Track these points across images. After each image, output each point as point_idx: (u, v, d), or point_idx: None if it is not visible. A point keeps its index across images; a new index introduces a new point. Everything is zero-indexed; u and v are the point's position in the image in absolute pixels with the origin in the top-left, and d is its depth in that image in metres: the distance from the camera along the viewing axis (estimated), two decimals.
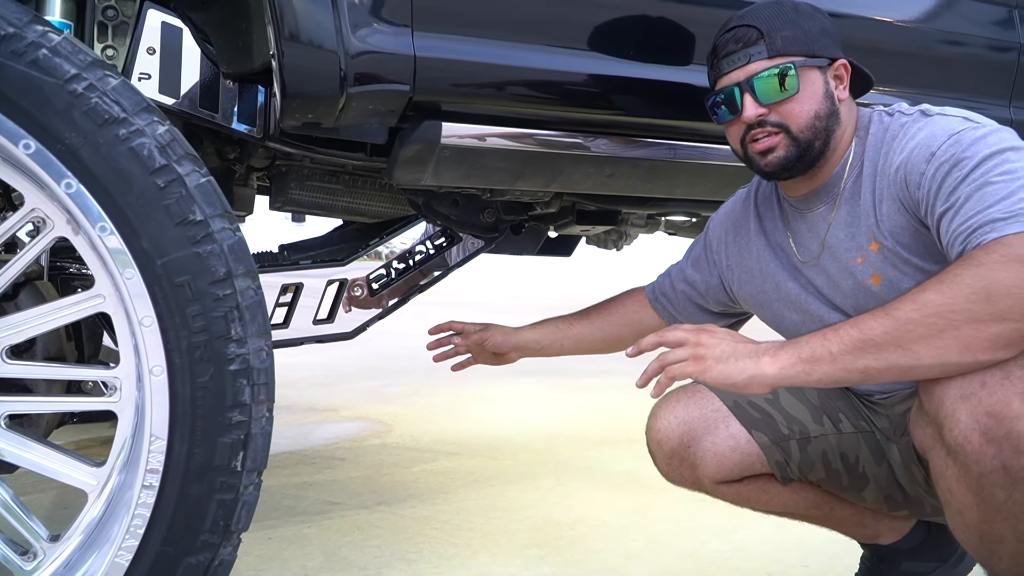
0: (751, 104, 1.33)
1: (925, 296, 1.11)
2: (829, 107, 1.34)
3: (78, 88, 1.09)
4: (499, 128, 1.56)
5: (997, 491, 1.11)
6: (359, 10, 1.37)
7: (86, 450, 2.76)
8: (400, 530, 2.12)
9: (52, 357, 1.38)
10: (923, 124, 1.28)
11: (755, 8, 1.36)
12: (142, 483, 1.15)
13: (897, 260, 1.29)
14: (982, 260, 1.09)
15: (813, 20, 1.34)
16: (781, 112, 1.33)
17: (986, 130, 1.21)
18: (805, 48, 1.32)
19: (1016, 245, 1.08)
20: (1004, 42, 1.99)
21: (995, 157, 1.17)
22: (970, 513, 1.16)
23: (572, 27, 1.55)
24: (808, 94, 1.32)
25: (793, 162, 1.34)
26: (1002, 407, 1.09)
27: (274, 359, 1.21)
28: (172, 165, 1.13)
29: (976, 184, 1.16)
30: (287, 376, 4.30)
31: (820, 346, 1.17)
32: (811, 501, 1.53)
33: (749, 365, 1.20)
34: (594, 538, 2.11)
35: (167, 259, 1.13)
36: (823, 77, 1.34)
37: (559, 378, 4.61)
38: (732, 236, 1.57)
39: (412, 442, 3.12)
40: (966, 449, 1.12)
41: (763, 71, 1.31)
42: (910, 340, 1.11)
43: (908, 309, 1.12)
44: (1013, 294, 1.06)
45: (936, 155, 1.21)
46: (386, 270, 2.20)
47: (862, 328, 1.14)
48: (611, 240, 2.57)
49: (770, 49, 1.31)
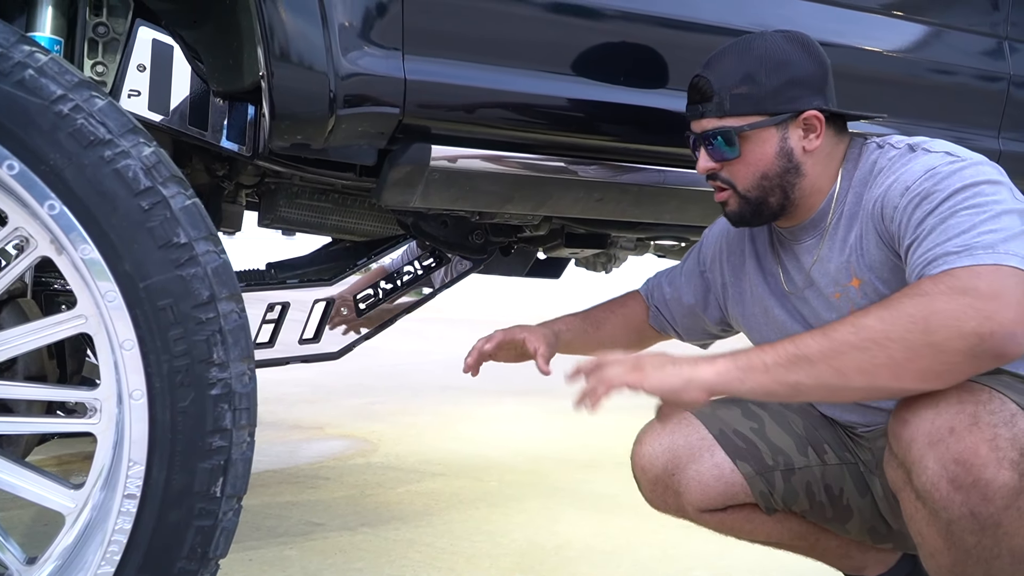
0: (703, 157, 1.35)
1: (864, 320, 1.10)
2: (782, 165, 1.32)
3: (64, 109, 1.09)
4: (488, 152, 1.56)
5: (967, 536, 1.10)
6: (350, 32, 1.37)
7: (68, 466, 2.74)
8: (383, 553, 2.10)
9: (33, 376, 1.36)
10: (907, 159, 1.27)
11: (720, 55, 1.33)
12: (119, 508, 1.13)
13: (876, 296, 1.28)
14: (927, 290, 1.08)
15: (780, 71, 1.29)
16: (729, 170, 1.34)
17: (963, 164, 1.20)
18: (757, 107, 1.29)
19: (963, 278, 1.07)
20: (993, 72, 2.00)
21: (967, 190, 1.16)
22: (942, 556, 1.15)
23: (562, 52, 1.55)
24: (755, 156, 1.31)
25: (749, 217, 1.36)
26: (970, 454, 1.08)
27: (257, 383, 1.20)
28: (157, 187, 1.12)
29: (941, 216, 1.15)
30: (273, 392, 4.27)
31: (757, 357, 1.16)
32: (796, 532, 1.52)
33: (685, 370, 1.19)
34: (579, 563, 2.09)
35: (150, 282, 1.12)
36: (779, 135, 1.31)
37: (546, 399, 4.59)
38: (726, 255, 1.56)
39: (397, 462, 3.10)
40: (934, 496, 1.11)
41: (711, 129, 1.32)
42: (843, 361, 1.11)
43: (846, 331, 1.11)
44: (949, 325, 1.05)
45: (910, 188, 1.21)
46: (373, 290, 2.20)
47: (798, 344, 1.14)
48: (600, 262, 2.57)
49: (718, 109, 1.31)
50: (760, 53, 1.30)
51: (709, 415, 1.49)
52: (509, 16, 1.51)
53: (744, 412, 1.50)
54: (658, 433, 1.50)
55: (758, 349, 1.18)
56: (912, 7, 1.92)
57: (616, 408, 4.20)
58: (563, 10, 1.55)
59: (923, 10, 1.94)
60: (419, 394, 4.57)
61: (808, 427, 1.49)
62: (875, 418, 1.41)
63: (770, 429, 1.48)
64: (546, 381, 1.83)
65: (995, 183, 1.17)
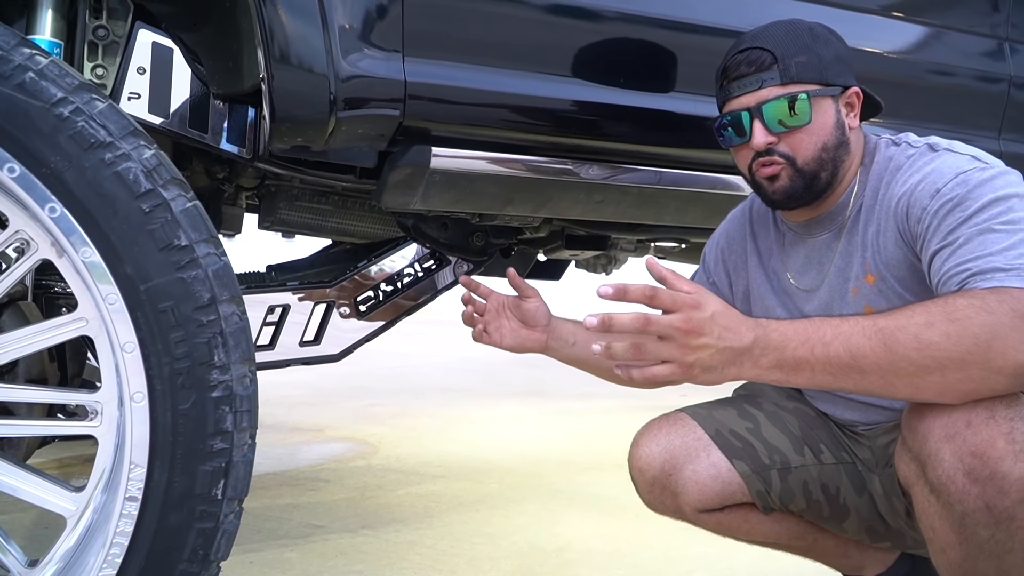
0: (760, 131, 1.30)
1: (930, 336, 1.06)
2: (839, 137, 1.31)
3: (64, 112, 1.09)
4: (489, 154, 1.56)
5: (980, 530, 1.11)
6: (350, 34, 1.37)
7: (69, 468, 2.73)
8: (383, 555, 2.10)
9: (34, 379, 1.37)
10: (930, 159, 1.26)
11: (769, 29, 1.32)
12: (121, 511, 1.13)
13: (891, 294, 1.29)
14: (994, 308, 1.06)
15: (828, 46, 1.31)
16: (790, 142, 1.30)
17: (993, 172, 1.20)
18: (819, 76, 1.29)
19: (1023, 301, 1.06)
20: (994, 74, 2.00)
21: (1000, 203, 1.15)
22: (953, 551, 1.15)
23: (562, 54, 1.55)
24: (819, 124, 1.30)
25: (800, 192, 1.32)
26: (987, 447, 1.08)
27: (258, 385, 1.20)
28: (158, 190, 1.12)
29: (977, 228, 1.14)
30: (274, 395, 4.27)
31: (804, 358, 1.10)
32: (793, 531, 1.52)
33: (731, 372, 1.13)
34: (580, 565, 2.09)
35: (150, 284, 1.12)
36: (835, 106, 1.31)
37: (546, 401, 4.59)
38: (727, 255, 1.56)
39: (398, 464, 3.10)
40: (949, 489, 1.11)
41: (775, 98, 1.28)
42: (897, 377, 1.09)
43: (909, 345, 1.07)
44: (1009, 354, 1.05)
45: (941, 192, 1.20)
46: (374, 292, 2.19)
47: (854, 353, 1.09)
48: (600, 264, 2.57)
49: (783, 75, 1.27)
50: (808, 28, 1.31)
51: (705, 416, 1.49)
52: (509, 18, 1.51)
53: (740, 412, 1.50)
54: (654, 435, 1.50)
55: (807, 346, 1.10)
56: (912, 8, 1.92)
57: (616, 410, 4.19)
58: (562, 12, 1.55)
59: (923, 11, 1.94)
60: (419, 397, 4.57)
61: (804, 427, 1.49)
62: (877, 416, 1.41)
63: (766, 429, 1.48)
64: (545, 384, 1.82)
65: (1022, 197, 1.17)
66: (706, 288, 1.57)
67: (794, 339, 1.11)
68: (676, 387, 1.26)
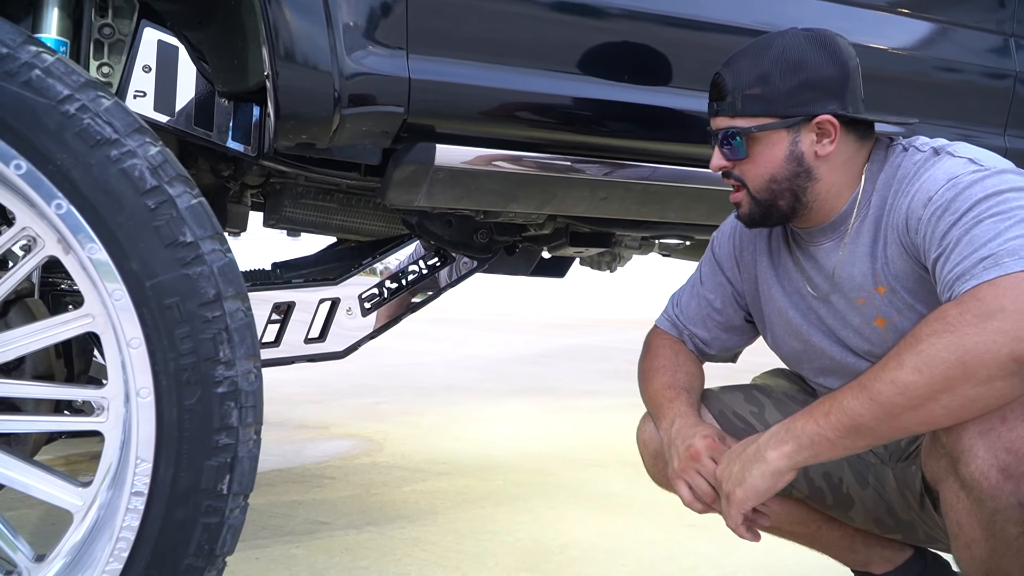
0: (717, 155, 1.34)
1: (902, 376, 1.09)
2: (792, 169, 1.29)
3: (70, 109, 1.09)
4: (493, 151, 1.56)
5: (1009, 527, 1.11)
6: (354, 32, 1.38)
7: (75, 465, 2.75)
8: (388, 551, 2.10)
9: (41, 375, 1.37)
10: (930, 164, 1.25)
11: (740, 54, 1.32)
12: (127, 506, 1.14)
13: (903, 306, 1.28)
14: (954, 322, 1.07)
15: (795, 73, 1.26)
16: (740, 170, 1.33)
17: (985, 172, 1.18)
18: (768, 110, 1.27)
19: (988, 299, 1.06)
20: (999, 70, 2.00)
21: (990, 199, 1.14)
22: (978, 547, 1.15)
23: (566, 51, 1.55)
24: (764, 159, 1.30)
25: (759, 218, 1.35)
26: (1022, 443, 1.09)
27: (263, 381, 1.21)
28: (163, 186, 1.13)
29: (965, 227, 1.14)
30: (279, 392, 4.28)
31: (814, 430, 1.17)
32: (796, 517, 1.52)
33: (761, 468, 1.21)
34: (584, 562, 2.09)
35: (156, 280, 1.12)
36: (790, 138, 1.28)
37: (550, 398, 4.60)
38: (739, 251, 1.54)
39: (403, 461, 3.11)
40: (983, 484, 1.11)
41: (723, 128, 1.31)
42: (901, 421, 1.11)
43: (890, 393, 1.10)
44: (987, 361, 1.04)
45: (933, 199, 1.20)
46: (379, 289, 2.20)
47: (850, 415, 1.13)
48: (604, 261, 2.57)
49: (731, 108, 1.30)
50: (776, 54, 1.28)
51: (713, 398, 1.50)
52: (513, 15, 1.52)
53: (746, 397, 1.50)
54: None
55: (811, 422, 1.17)
56: (918, 5, 1.92)
57: (621, 408, 4.20)
58: (567, 9, 1.55)
59: (929, 8, 1.94)
60: (424, 394, 4.58)
61: None
62: None
63: (770, 414, 1.48)
64: (550, 381, 1.83)
65: (1020, 189, 1.16)
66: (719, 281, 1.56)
67: (800, 419, 1.19)
68: None
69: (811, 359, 1.43)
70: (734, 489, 1.23)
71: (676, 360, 1.53)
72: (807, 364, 1.45)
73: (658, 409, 1.46)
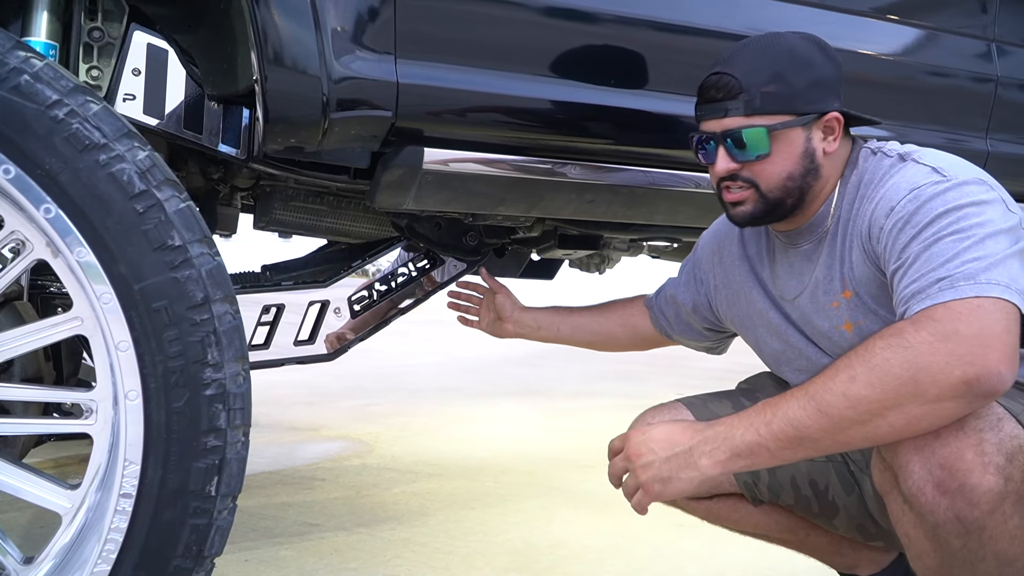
0: (723, 158, 1.30)
1: (856, 390, 1.08)
2: (806, 166, 1.29)
3: (59, 114, 1.10)
4: (481, 154, 1.57)
5: (952, 540, 1.12)
6: (342, 37, 1.38)
7: (64, 468, 2.75)
8: (378, 553, 2.11)
9: (30, 378, 1.38)
10: (895, 171, 1.25)
11: (744, 52, 1.30)
12: (115, 508, 1.14)
13: (866, 310, 1.28)
14: (910, 340, 1.07)
15: (806, 71, 1.27)
16: (752, 170, 1.29)
17: (948, 184, 1.18)
18: (786, 106, 1.26)
19: (944, 321, 1.06)
20: (981, 74, 2.02)
21: (950, 214, 1.14)
22: (928, 558, 1.17)
23: (552, 56, 1.56)
24: (782, 155, 1.28)
25: (760, 217, 1.33)
26: (955, 459, 1.09)
27: (251, 384, 1.22)
28: (152, 191, 1.13)
29: (925, 244, 1.14)
30: (269, 394, 4.28)
31: (754, 441, 1.15)
32: (784, 525, 1.54)
33: (692, 474, 1.20)
34: (573, 562, 2.11)
35: (145, 284, 1.13)
36: (804, 135, 1.28)
37: (542, 399, 4.61)
38: (719, 257, 1.56)
39: (393, 463, 3.11)
40: (920, 500, 1.12)
41: (738, 128, 1.27)
42: (846, 435, 1.11)
43: (841, 406, 1.09)
44: (938, 380, 1.05)
45: (895, 210, 1.20)
46: (368, 292, 2.21)
47: (795, 425, 1.12)
48: (593, 263, 2.58)
49: (747, 107, 1.26)
50: (786, 52, 1.28)
51: (699, 406, 1.51)
52: (500, 20, 1.53)
53: (734, 405, 1.51)
54: (648, 422, 1.52)
55: (751, 429, 1.16)
56: (901, 10, 1.94)
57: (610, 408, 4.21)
58: (553, 14, 1.56)
59: (912, 13, 1.96)
60: (414, 396, 4.58)
61: None
62: None
63: None
64: (541, 383, 1.86)
65: (979, 204, 1.15)
66: (692, 283, 1.61)
67: (739, 426, 1.18)
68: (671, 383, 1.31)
69: (790, 360, 1.45)
70: (653, 484, 1.24)
71: (605, 307, 1.81)
72: (787, 365, 1.46)
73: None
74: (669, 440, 1.24)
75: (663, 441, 1.25)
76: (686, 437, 1.23)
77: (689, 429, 1.24)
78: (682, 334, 1.70)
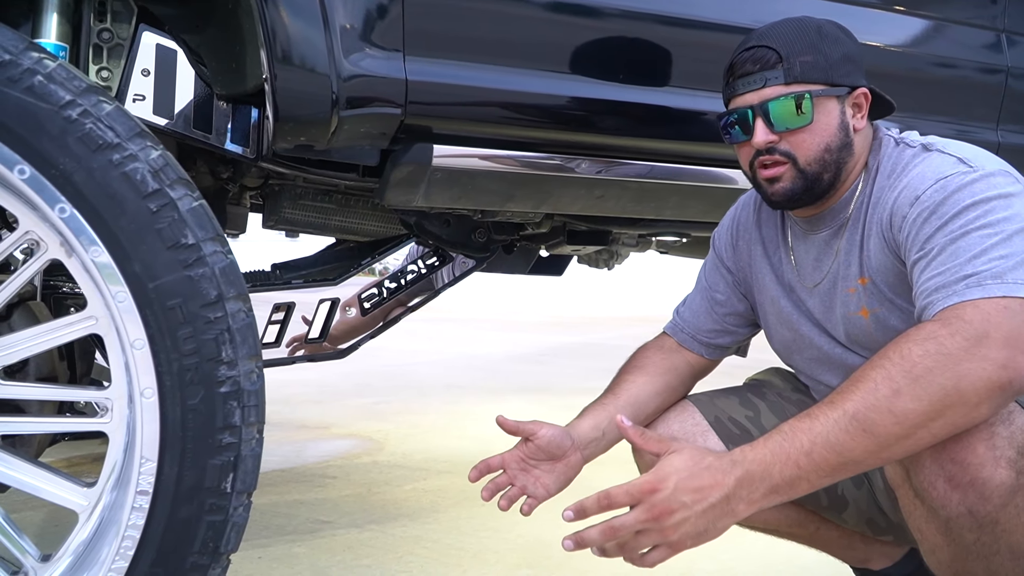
0: (762, 129, 1.27)
1: (904, 405, 1.04)
2: (842, 139, 1.28)
3: (73, 114, 1.10)
4: (490, 151, 1.58)
5: (965, 534, 1.11)
6: (351, 34, 1.39)
7: (78, 467, 2.76)
8: (390, 549, 2.12)
9: (44, 377, 1.39)
10: (919, 161, 1.24)
11: (777, 27, 1.30)
12: (132, 505, 1.15)
13: (882, 298, 1.28)
14: (947, 346, 1.04)
15: (837, 45, 1.28)
16: (791, 141, 1.27)
17: (975, 176, 1.16)
18: (824, 76, 1.26)
19: (975, 321, 1.05)
20: (992, 65, 2.01)
21: (978, 207, 1.13)
22: (941, 552, 1.16)
23: (561, 51, 1.57)
24: (822, 125, 1.27)
25: (800, 194, 1.29)
26: (967, 453, 1.09)
27: (264, 381, 1.22)
28: (165, 189, 1.14)
29: (951, 236, 1.13)
30: (280, 393, 4.29)
31: (794, 475, 1.08)
32: (793, 519, 1.53)
33: (728, 522, 1.12)
34: (583, 558, 2.10)
35: (159, 282, 1.14)
36: (840, 107, 1.28)
37: (550, 396, 4.62)
38: (736, 241, 1.54)
39: (403, 460, 3.12)
40: (931, 494, 1.12)
41: (778, 96, 1.25)
42: (891, 452, 1.08)
43: (888, 423, 1.05)
44: (979, 387, 1.03)
45: (920, 199, 1.18)
46: (378, 289, 2.21)
47: (839, 450, 1.06)
48: (602, 259, 2.59)
49: (787, 74, 1.25)
50: (814, 28, 1.28)
51: (707, 403, 1.51)
52: (508, 16, 1.53)
53: (742, 401, 1.51)
54: (656, 420, 1.52)
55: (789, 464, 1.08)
56: (910, 1, 1.93)
57: None
58: (561, 9, 1.57)
59: (921, 4, 1.95)
60: (424, 393, 4.59)
61: None
62: None
63: (766, 418, 1.49)
64: (547, 379, 1.85)
65: (1007, 197, 1.14)
66: (721, 275, 1.56)
67: (775, 461, 1.09)
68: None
69: (800, 349, 1.44)
70: (687, 540, 1.12)
71: (636, 363, 1.55)
72: (797, 355, 1.46)
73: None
74: (700, 489, 1.10)
75: (693, 492, 1.10)
76: (718, 480, 1.10)
77: (719, 472, 1.10)
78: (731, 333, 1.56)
